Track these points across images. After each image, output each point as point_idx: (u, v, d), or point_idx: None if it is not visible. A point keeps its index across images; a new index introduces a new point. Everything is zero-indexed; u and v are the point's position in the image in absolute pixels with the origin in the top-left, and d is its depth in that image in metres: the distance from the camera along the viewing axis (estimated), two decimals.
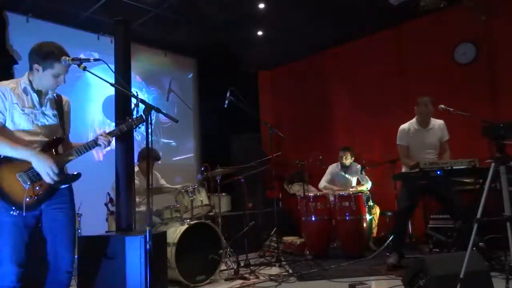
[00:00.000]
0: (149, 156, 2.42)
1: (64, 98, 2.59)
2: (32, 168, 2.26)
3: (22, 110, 2.32)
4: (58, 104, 2.51)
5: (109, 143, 2.50)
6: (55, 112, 2.47)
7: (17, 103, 2.31)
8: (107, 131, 2.55)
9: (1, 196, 2.19)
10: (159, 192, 4.69)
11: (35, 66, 2.34)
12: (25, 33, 4.91)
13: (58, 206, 2.39)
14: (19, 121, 2.31)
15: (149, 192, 2.33)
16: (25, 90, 2.36)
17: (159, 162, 4.86)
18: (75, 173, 2.48)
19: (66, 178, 2.43)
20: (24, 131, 2.32)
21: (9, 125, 2.30)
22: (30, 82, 2.38)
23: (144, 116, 2.44)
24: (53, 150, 2.40)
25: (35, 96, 2.38)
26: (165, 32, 5.95)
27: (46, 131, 2.40)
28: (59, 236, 2.40)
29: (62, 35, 5.33)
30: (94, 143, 2.46)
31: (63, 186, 2.43)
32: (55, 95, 2.50)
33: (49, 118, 2.43)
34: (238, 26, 5.87)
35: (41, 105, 2.41)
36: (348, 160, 5.62)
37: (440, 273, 2.58)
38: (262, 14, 5.54)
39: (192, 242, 3.84)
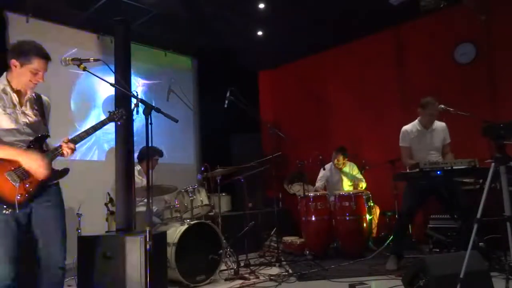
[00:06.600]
0: (149, 155, 2.42)
1: (45, 97, 2.58)
2: (20, 166, 2.27)
3: (4, 110, 2.31)
4: (39, 103, 2.50)
5: (73, 151, 2.43)
6: (36, 112, 2.47)
7: None
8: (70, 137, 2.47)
9: None
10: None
11: (13, 62, 2.33)
12: (25, 33, 4.90)
13: (47, 204, 2.40)
14: (1, 121, 2.30)
15: (149, 191, 2.33)
16: (4, 91, 2.35)
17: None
18: (64, 168, 2.48)
19: (55, 174, 2.44)
20: (7, 130, 2.32)
21: None
22: (9, 82, 2.37)
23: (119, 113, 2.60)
24: (39, 147, 2.40)
25: (14, 96, 2.37)
26: (165, 32, 5.95)
27: (29, 130, 2.40)
28: (50, 233, 2.40)
29: (62, 35, 5.34)
30: (59, 152, 2.40)
31: (52, 183, 2.43)
32: (34, 94, 2.49)
33: (30, 117, 2.42)
34: (238, 26, 5.87)
35: (21, 105, 2.40)
36: (340, 162, 5.62)
37: (440, 273, 2.58)
38: (262, 14, 5.54)
39: (192, 242, 3.84)
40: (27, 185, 2.28)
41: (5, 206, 2.21)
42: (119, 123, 2.67)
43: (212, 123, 6.71)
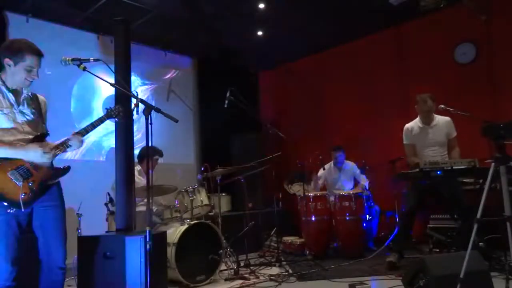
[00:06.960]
0: (150, 155, 2.42)
1: (41, 97, 2.58)
2: (22, 165, 2.27)
3: (1, 110, 2.31)
4: (35, 102, 2.51)
5: (81, 143, 2.48)
6: (33, 110, 2.47)
7: None
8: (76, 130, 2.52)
9: None
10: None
11: (6, 61, 2.33)
12: (25, 33, 4.88)
13: (47, 204, 2.40)
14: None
15: (149, 191, 2.32)
16: (0, 90, 2.36)
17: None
18: (65, 166, 2.49)
19: (56, 172, 2.44)
20: (6, 130, 2.32)
21: None
22: (4, 81, 2.38)
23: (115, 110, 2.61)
24: None
25: (11, 96, 2.38)
26: (165, 32, 5.95)
27: (28, 128, 2.40)
28: (50, 233, 2.41)
29: (62, 35, 5.34)
30: (66, 144, 2.44)
31: (54, 182, 2.44)
32: (30, 93, 2.49)
33: (27, 116, 2.43)
34: (238, 26, 5.87)
35: (18, 104, 2.40)
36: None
37: (440, 273, 2.58)
38: (262, 14, 5.54)
39: (192, 242, 3.84)
40: (30, 184, 2.28)
41: (5, 204, 2.21)
42: (116, 119, 2.68)
43: (212, 123, 6.71)
